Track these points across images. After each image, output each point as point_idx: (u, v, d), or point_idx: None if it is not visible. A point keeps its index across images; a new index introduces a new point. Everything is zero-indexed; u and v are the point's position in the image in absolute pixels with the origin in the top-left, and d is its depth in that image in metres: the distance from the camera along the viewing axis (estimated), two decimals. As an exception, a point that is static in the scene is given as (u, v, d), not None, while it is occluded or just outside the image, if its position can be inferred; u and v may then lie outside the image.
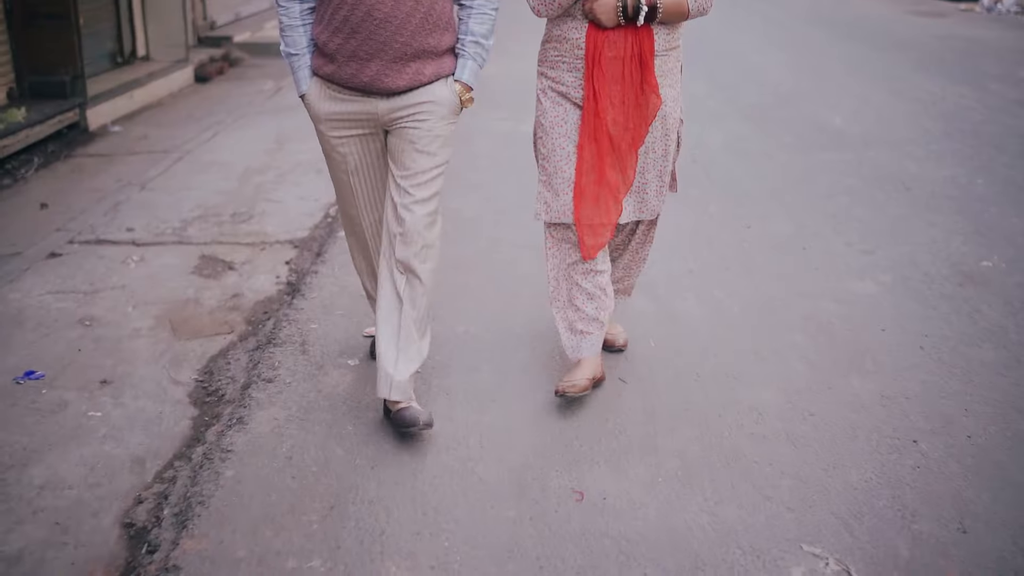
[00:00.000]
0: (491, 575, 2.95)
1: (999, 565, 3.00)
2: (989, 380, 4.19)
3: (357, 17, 3.52)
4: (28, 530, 3.19)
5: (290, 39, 3.72)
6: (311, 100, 3.75)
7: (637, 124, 3.82)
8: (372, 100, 3.65)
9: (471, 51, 3.75)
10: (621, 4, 3.65)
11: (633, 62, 3.75)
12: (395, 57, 3.56)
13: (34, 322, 4.74)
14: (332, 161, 3.86)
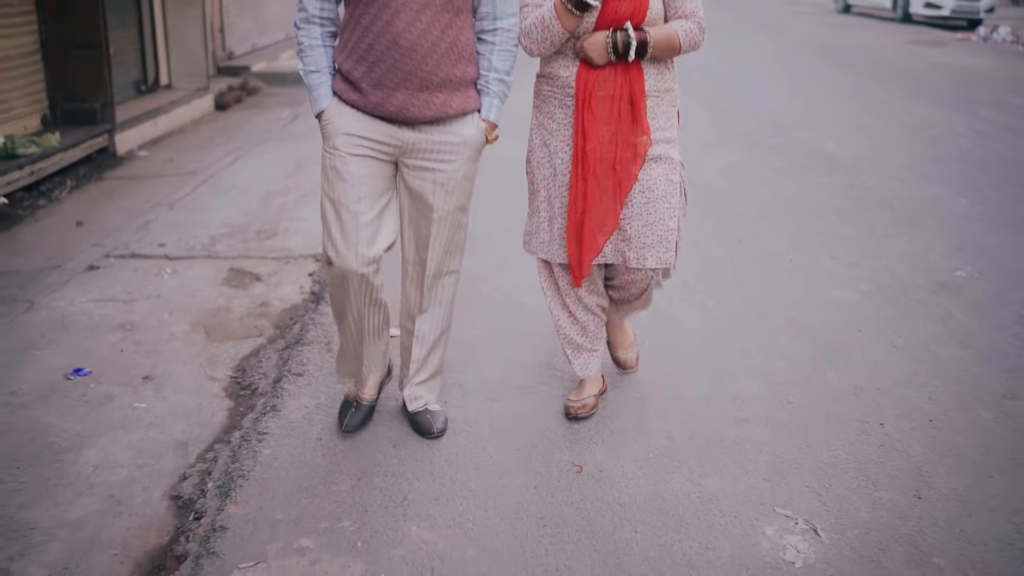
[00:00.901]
0: (501, 532, 3.36)
1: (948, 526, 3.40)
2: (954, 374, 4.60)
3: (382, 46, 3.51)
4: (87, 502, 3.58)
5: (309, 58, 3.69)
6: (331, 115, 3.67)
7: (625, 164, 3.78)
8: (400, 128, 3.63)
9: (495, 88, 3.75)
10: (611, 41, 3.66)
11: (623, 101, 3.75)
12: (420, 87, 3.54)
13: (79, 326, 5.14)
14: (343, 183, 3.66)
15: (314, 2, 3.64)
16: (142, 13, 10.83)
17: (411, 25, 3.48)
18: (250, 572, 3.16)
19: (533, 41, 3.75)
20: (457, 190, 3.75)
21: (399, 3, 3.46)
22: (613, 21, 3.67)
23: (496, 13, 3.69)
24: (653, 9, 3.69)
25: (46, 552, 3.26)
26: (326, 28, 3.68)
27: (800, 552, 3.25)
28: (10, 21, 8.12)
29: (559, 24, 3.65)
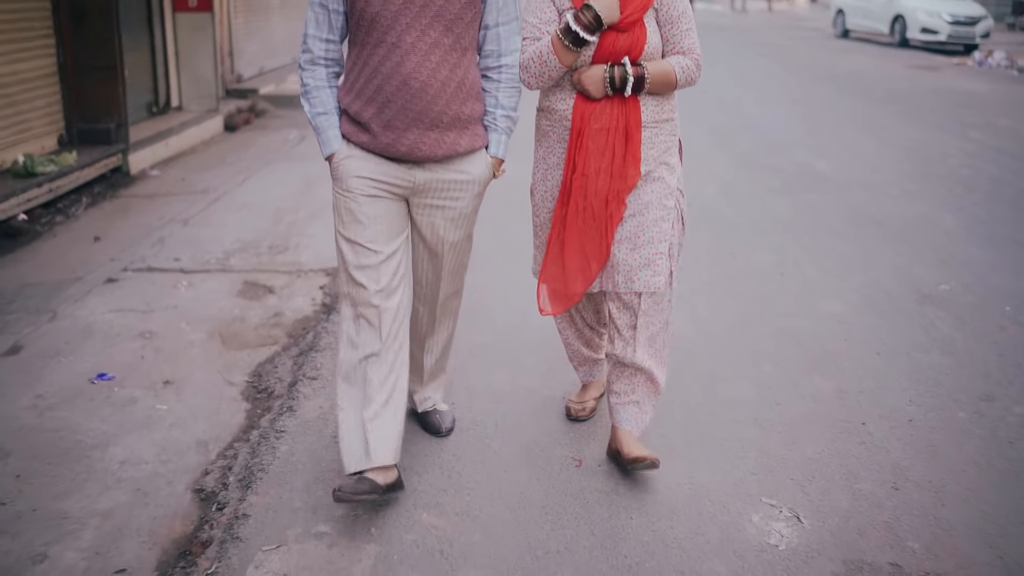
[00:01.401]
0: (506, 519, 3.60)
1: (923, 513, 3.65)
2: (934, 379, 4.85)
3: (392, 87, 3.51)
4: (114, 494, 3.82)
5: (316, 100, 3.68)
6: (341, 158, 3.66)
7: (616, 196, 3.77)
8: (409, 168, 3.64)
9: (503, 125, 3.78)
10: (608, 75, 3.67)
11: (618, 133, 3.75)
12: (431, 126, 3.54)
13: (101, 334, 5.38)
14: (358, 224, 3.67)
15: (319, 43, 3.63)
16: (154, 37, 11.10)
17: (421, 66, 3.49)
18: (272, 554, 3.41)
19: (531, 75, 3.76)
20: (465, 222, 3.82)
21: (408, 44, 3.48)
22: (610, 55, 3.69)
23: (501, 51, 3.71)
24: (651, 43, 3.71)
25: (79, 539, 3.50)
26: (331, 69, 3.68)
27: (784, 536, 3.50)
28: (29, 44, 8.40)
29: (556, 59, 3.67)
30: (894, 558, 3.38)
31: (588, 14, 3.60)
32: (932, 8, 24.59)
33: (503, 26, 3.70)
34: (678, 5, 3.76)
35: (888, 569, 3.32)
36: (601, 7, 3.60)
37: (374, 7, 3.46)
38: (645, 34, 3.69)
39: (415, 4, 3.46)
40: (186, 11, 11.44)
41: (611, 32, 3.67)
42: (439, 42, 3.51)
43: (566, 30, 3.62)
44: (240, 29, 13.68)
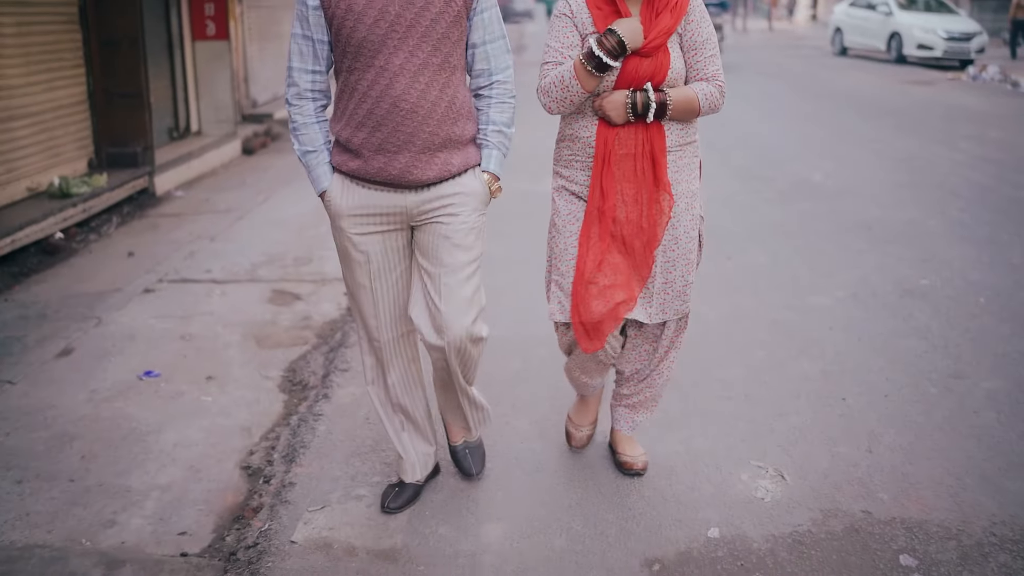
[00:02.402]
0: (523, 481, 4.08)
1: (892, 471, 4.11)
2: (910, 361, 5.30)
3: (382, 110, 3.48)
4: (170, 471, 4.27)
5: (305, 136, 3.63)
6: (333, 196, 3.64)
7: (652, 223, 3.74)
8: (401, 193, 3.59)
9: (495, 140, 3.71)
10: (630, 101, 3.62)
11: (645, 159, 3.69)
12: (423, 148, 3.51)
13: (144, 338, 5.84)
14: (352, 263, 3.73)
15: (305, 76, 3.59)
16: (174, 64, 11.62)
17: (410, 87, 3.46)
18: (318, 514, 3.87)
19: (552, 100, 3.71)
20: (464, 244, 3.64)
21: (397, 66, 3.45)
22: (633, 80, 3.64)
23: (491, 69, 3.67)
24: (674, 69, 3.67)
25: (143, 508, 3.95)
26: (318, 102, 3.64)
27: (769, 491, 3.96)
28: (62, 74, 8.91)
29: (578, 84, 3.61)
30: (865, 506, 3.83)
31: (611, 39, 3.55)
32: (927, 25, 25.14)
33: (490, 44, 3.65)
34: (702, 31, 3.72)
35: (860, 515, 3.77)
36: (625, 32, 3.56)
37: (360, 32, 3.43)
38: (668, 60, 3.65)
39: (401, 26, 3.44)
40: (204, 40, 11.96)
41: (634, 57, 3.62)
42: (427, 63, 3.48)
43: (589, 55, 3.57)
44: (254, 56, 14.20)
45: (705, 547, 3.60)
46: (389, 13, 3.43)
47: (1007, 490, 3.96)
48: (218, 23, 11.87)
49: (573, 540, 3.67)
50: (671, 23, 3.65)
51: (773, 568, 3.45)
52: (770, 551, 3.56)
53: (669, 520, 3.77)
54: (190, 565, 3.59)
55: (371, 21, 3.43)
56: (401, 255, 3.73)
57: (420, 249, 3.68)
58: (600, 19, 3.69)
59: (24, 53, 8.25)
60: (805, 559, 3.50)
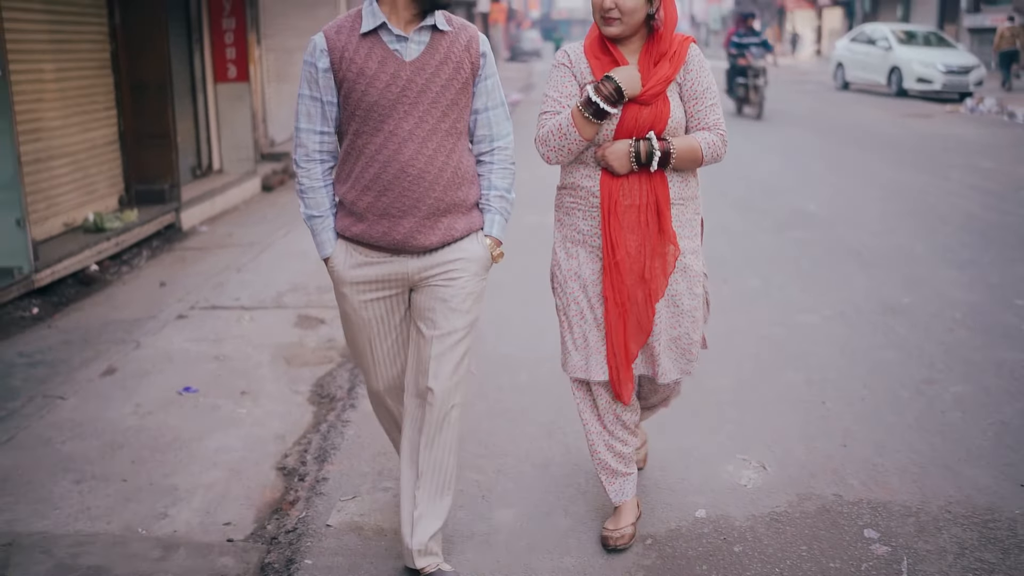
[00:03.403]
0: (532, 474, 4.56)
1: (864, 462, 4.58)
2: (887, 370, 5.77)
3: (389, 175, 3.49)
4: (213, 472, 4.73)
5: (312, 200, 3.64)
6: (336, 264, 3.66)
7: (655, 275, 3.73)
8: (403, 259, 3.61)
9: (497, 205, 3.72)
10: (634, 150, 3.62)
11: (649, 210, 3.68)
12: (428, 213, 3.53)
13: (180, 358, 6.32)
14: (353, 325, 3.77)
15: (313, 137, 3.60)
16: (197, 106, 12.19)
17: (419, 153, 3.48)
18: (350, 503, 4.34)
19: (550, 148, 3.71)
20: (460, 309, 3.65)
21: (406, 132, 3.47)
22: (634, 129, 3.65)
23: (493, 135, 3.69)
24: (674, 117, 3.68)
25: (190, 503, 4.42)
26: (326, 164, 3.64)
27: (752, 479, 4.43)
28: (96, 116, 9.46)
29: (576, 132, 3.62)
30: (837, 491, 4.30)
31: (609, 85, 3.57)
32: (926, 59, 25.69)
33: (492, 111, 3.67)
34: (702, 80, 3.73)
35: (831, 498, 4.24)
36: (622, 79, 3.58)
37: (372, 95, 3.45)
38: (668, 108, 3.66)
39: (412, 92, 3.46)
40: (226, 82, 12.53)
41: (633, 105, 3.64)
42: (436, 128, 3.50)
43: (587, 102, 3.59)
44: (272, 97, 14.75)
45: (693, 525, 4.07)
46: (400, 79, 3.46)
47: (965, 476, 4.43)
48: (239, 66, 12.45)
49: (575, 521, 4.14)
50: (670, 72, 3.66)
51: (752, 542, 3.92)
52: (750, 528, 4.03)
53: (661, 504, 4.24)
54: (237, 548, 4.05)
55: (382, 86, 3.45)
56: (401, 317, 3.76)
57: (416, 309, 3.70)
58: (598, 68, 3.72)
59: (62, 97, 8.80)
60: (781, 534, 3.97)
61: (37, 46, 8.39)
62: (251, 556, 4.01)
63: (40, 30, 8.45)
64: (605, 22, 3.66)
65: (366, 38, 3.48)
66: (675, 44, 3.72)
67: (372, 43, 3.47)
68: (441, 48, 3.51)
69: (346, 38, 3.49)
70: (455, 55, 3.53)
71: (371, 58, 3.46)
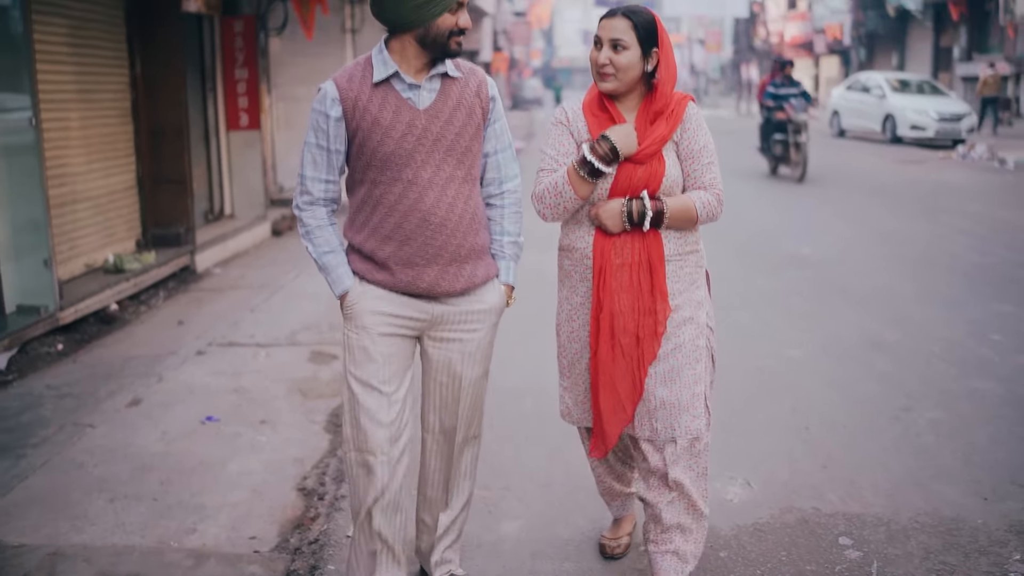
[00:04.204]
0: (535, 491, 4.93)
1: (842, 479, 4.95)
2: (867, 399, 6.15)
3: (412, 224, 3.48)
4: (237, 493, 5.08)
5: (320, 239, 3.61)
6: (355, 296, 3.60)
7: (648, 334, 3.67)
8: (426, 303, 3.61)
9: (510, 252, 3.75)
10: (626, 209, 3.60)
11: (642, 269, 3.66)
12: (450, 260, 3.53)
13: (201, 391, 6.68)
14: (367, 364, 3.61)
15: (318, 184, 3.58)
16: (210, 152, 12.64)
17: (439, 200, 3.49)
18: (366, 517, 4.69)
19: (546, 206, 3.71)
20: (483, 356, 3.75)
21: (425, 180, 3.48)
22: (628, 188, 3.64)
23: (502, 177, 3.73)
24: (669, 177, 3.66)
25: (217, 520, 4.77)
26: (329, 207, 3.63)
27: (737, 494, 4.80)
28: (116, 162, 9.90)
29: (572, 190, 3.62)
30: (815, 505, 4.67)
31: (604, 145, 3.57)
32: (920, 107, 26.25)
33: (501, 153, 3.71)
34: (699, 139, 3.72)
35: (810, 511, 4.61)
36: (617, 138, 3.58)
37: (388, 146, 3.44)
38: (664, 167, 3.64)
39: (428, 140, 3.47)
40: (238, 129, 12.97)
41: (628, 164, 3.63)
42: (453, 175, 3.52)
43: (582, 161, 3.58)
44: (281, 145, 15.19)
45: (683, 535, 4.44)
46: (416, 127, 3.46)
47: (934, 491, 4.81)
48: (251, 114, 12.89)
49: (575, 531, 4.50)
50: (666, 131, 3.65)
51: (736, 548, 4.29)
52: (735, 536, 4.39)
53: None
54: (263, 558, 4.40)
55: (399, 135, 3.45)
56: (410, 361, 3.70)
57: (435, 361, 3.71)
58: (595, 126, 3.71)
59: (85, 143, 9.24)
60: (763, 542, 4.34)
61: (65, 95, 8.84)
62: (277, 564, 4.36)
63: (68, 80, 8.90)
64: (601, 77, 3.68)
65: (378, 87, 3.48)
66: (673, 102, 3.70)
67: (385, 92, 3.47)
68: (453, 94, 3.53)
69: (358, 87, 3.48)
70: (467, 100, 3.55)
71: (385, 107, 3.45)
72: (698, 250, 3.82)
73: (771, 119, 18.54)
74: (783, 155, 18.51)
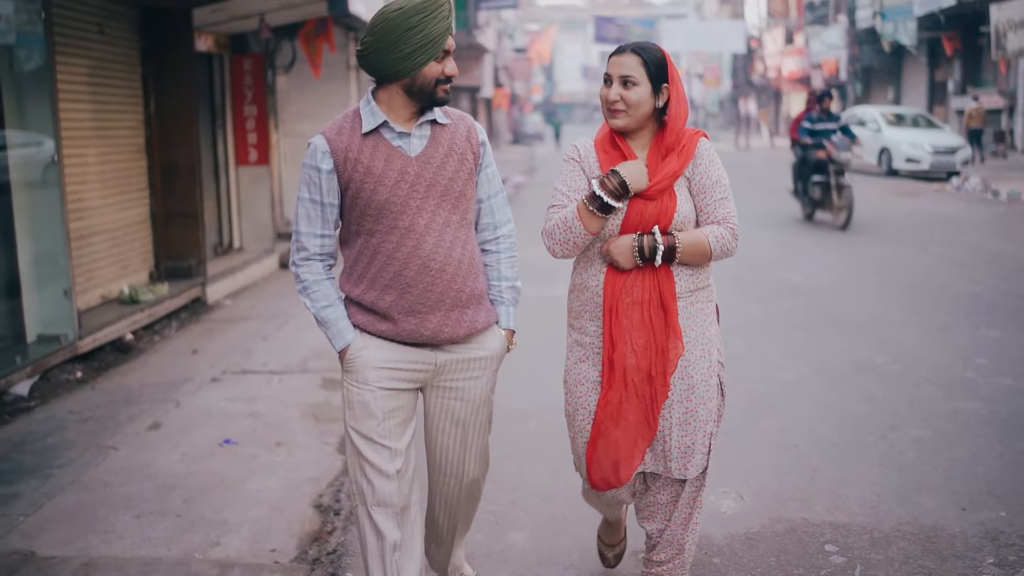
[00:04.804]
0: (540, 504, 5.22)
1: (829, 492, 5.25)
2: (855, 419, 6.45)
3: (412, 271, 3.47)
4: (257, 509, 5.35)
5: (318, 293, 3.58)
6: (357, 349, 3.57)
7: (660, 371, 3.65)
8: (429, 352, 3.59)
9: (509, 297, 3.74)
10: (637, 244, 3.57)
11: (654, 306, 3.62)
12: (452, 306, 3.53)
13: (218, 415, 6.96)
14: (368, 419, 3.60)
15: (314, 239, 3.56)
16: (220, 187, 12.98)
17: (438, 246, 3.48)
18: (381, 529, 4.97)
19: (556, 242, 3.68)
20: (484, 403, 3.74)
21: (422, 227, 3.47)
22: (639, 223, 3.62)
23: (496, 222, 3.73)
24: (681, 212, 3.64)
25: (239, 534, 5.04)
26: (325, 262, 3.61)
27: (730, 506, 5.10)
28: (131, 197, 10.23)
29: (582, 226, 3.59)
30: (803, 515, 4.96)
31: (614, 180, 3.55)
32: (914, 140, 26.63)
33: (493, 199, 3.72)
34: (711, 174, 3.70)
35: (799, 520, 4.91)
36: (627, 173, 3.56)
37: (382, 194, 3.44)
38: (675, 203, 3.63)
39: (422, 185, 3.47)
40: (247, 165, 13.32)
41: (639, 200, 3.62)
42: (449, 221, 3.52)
43: (592, 196, 3.57)
44: (288, 180, 15.51)
45: (679, 543, 4.72)
46: (409, 174, 3.46)
47: (915, 502, 5.11)
48: (259, 150, 13.24)
49: (578, 541, 4.79)
50: (677, 167, 3.63)
51: (729, 555, 4.58)
52: (727, 544, 4.69)
53: (652, 527, 4.89)
54: (284, 567, 4.68)
55: (392, 183, 3.44)
56: (413, 412, 3.70)
57: (438, 410, 3.72)
58: (607, 162, 3.71)
59: (102, 179, 9.57)
60: (753, 548, 4.63)
61: (83, 133, 9.19)
62: (298, 574, 4.64)
63: (86, 118, 9.25)
64: (611, 114, 3.68)
65: (368, 137, 3.48)
66: (684, 139, 3.69)
67: (375, 142, 3.48)
68: (443, 140, 3.54)
69: (348, 138, 3.48)
70: (458, 146, 3.56)
71: (376, 156, 3.46)
72: (709, 285, 3.81)
73: (808, 158, 16.52)
74: (822, 199, 16.56)
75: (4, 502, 5.36)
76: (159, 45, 10.44)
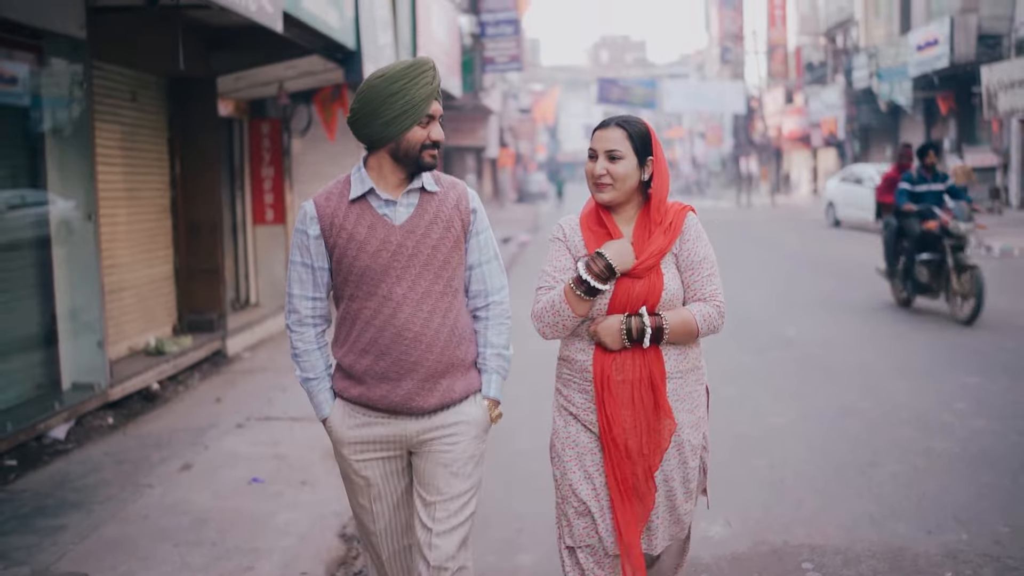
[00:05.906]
0: (545, 532, 5.67)
1: (809, 517, 5.75)
2: (838, 456, 6.95)
3: (387, 338, 3.49)
4: (286, 539, 5.82)
5: (307, 364, 3.66)
6: (334, 424, 3.68)
7: (652, 450, 3.62)
8: (402, 421, 3.59)
9: (494, 364, 3.70)
10: (625, 326, 3.54)
11: (643, 385, 3.59)
12: (427, 375, 3.52)
13: (245, 458, 7.44)
14: (353, 486, 3.76)
15: (305, 303, 3.62)
16: (238, 245, 13.54)
17: (414, 316, 3.49)
18: (401, 553, 5.47)
19: (545, 325, 3.66)
20: (462, 473, 3.62)
21: (400, 295, 3.49)
22: (626, 304, 3.59)
23: (488, 290, 3.70)
24: (668, 290, 3.60)
25: (271, 559, 5.52)
26: (319, 327, 3.67)
27: (718, 532, 5.61)
28: (157, 254, 10.80)
29: (569, 309, 3.56)
30: (785, 538, 5.47)
31: (600, 262, 3.52)
32: (910, 197, 27.00)
33: (486, 265, 3.69)
34: (698, 250, 3.66)
35: (780, 543, 5.41)
36: (613, 254, 3.53)
37: (363, 261, 3.48)
38: (662, 281, 3.59)
39: (403, 256, 3.48)
40: (263, 224, 13.88)
41: (626, 279, 3.59)
42: (430, 290, 3.52)
43: (578, 280, 3.53)
44: (302, 238, 16.04)
45: (671, 563, 5.22)
46: (391, 243, 3.48)
47: (887, 527, 5.62)
48: (276, 209, 13.81)
49: (580, 561, 5.28)
50: (665, 243, 3.60)
51: (716, 571, 5.09)
52: (715, 563, 5.20)
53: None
54: (314, 586, 5.19)
55: (373, 251, 3.48)
56: (400, 477, 3.74)
57: (418, 476, 3.67)
58: (592, 241, 3.68)
59: (131, 237, 10.15)
60: (739, 567, 5.14)
61: (115, 193, 9.77)
62: (326, 592, 5.15)
63: (118, 180, 9.85)
64: (598, 188, 3.65)
65: (355, 204, 3.52)
66: (671, 214, 3.66)
67: (361, 209, 3.51)
68: (430, 209, 3.54)
69: (335, 204, 3.54)
70: (444, 214, 3.55)
71: (360, 223, 3.50)
72: (700, 367, 3.79)
73: (911, 230, 12.65)
74: (931, 283, 12.63)
75: (52, 532, 5.85)
76: (185, 111, 11.08)
